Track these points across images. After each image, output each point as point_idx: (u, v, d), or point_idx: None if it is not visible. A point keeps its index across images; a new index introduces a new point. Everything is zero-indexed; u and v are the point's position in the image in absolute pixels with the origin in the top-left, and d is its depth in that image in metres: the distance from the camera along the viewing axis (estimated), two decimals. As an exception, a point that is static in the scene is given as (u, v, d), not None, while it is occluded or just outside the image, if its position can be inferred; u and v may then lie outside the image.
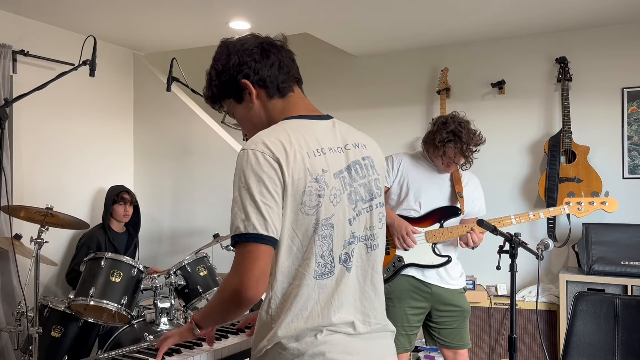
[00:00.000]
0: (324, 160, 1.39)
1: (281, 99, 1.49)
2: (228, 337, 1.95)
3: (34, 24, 3.97)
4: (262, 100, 1.49)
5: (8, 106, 2.70)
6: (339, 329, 1.38)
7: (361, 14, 3.81)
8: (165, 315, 3.09)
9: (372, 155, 1.53)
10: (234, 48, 1.49)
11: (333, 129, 1.48)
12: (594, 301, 2.61)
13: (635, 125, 4.04)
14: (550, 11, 3.81)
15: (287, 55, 1.53)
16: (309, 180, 1.34)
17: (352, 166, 1.45)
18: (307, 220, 1.35)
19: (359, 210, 1.45)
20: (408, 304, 2.82)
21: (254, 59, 1.47)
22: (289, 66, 1.51)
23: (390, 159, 2.90)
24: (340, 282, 1.40)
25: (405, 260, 2.81)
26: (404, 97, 4.79)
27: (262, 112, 1.50)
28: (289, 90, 1.50)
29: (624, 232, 3.74)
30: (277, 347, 1.36)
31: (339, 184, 1.41)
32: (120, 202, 3.99)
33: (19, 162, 3.86)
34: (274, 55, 1.49)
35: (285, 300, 1.37)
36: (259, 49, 1.48)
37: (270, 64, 1.47)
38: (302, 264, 1.37)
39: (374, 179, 1.51)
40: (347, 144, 1.47)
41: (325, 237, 1.37)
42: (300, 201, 1.34)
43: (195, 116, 4.48)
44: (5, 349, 3.58)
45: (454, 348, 2.88)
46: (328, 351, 1.35)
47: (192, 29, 4.19)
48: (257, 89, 1.48)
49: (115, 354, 1.78)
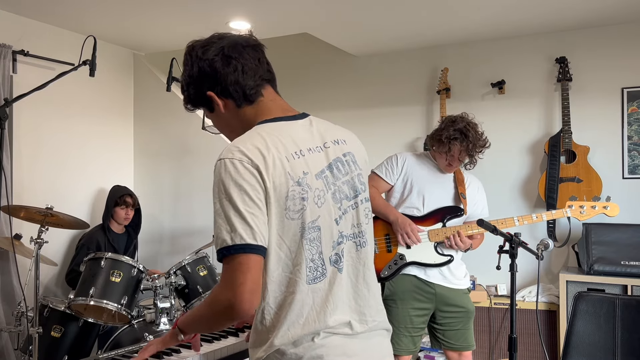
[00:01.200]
0: (304, 162, 1.36)
1: (251, 106, 1.44)
2: (227, 338, 1.95)
3: (34, 24, 3.97)
4: (231, 110, 1.44)
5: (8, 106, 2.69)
6: (336, 330, 1.36)
7: (361, 14, 3.81)
8: (165, 315, 3.09)
9: (353, 150, 1.49)
10: (196, 57, 1.43)
11: (310, 128, 1.44)
12: (594, 301, 2.61)
13: (635, 125, 4.04)
14: (550, 11, 3.81)
15: (252, 56, 1.44)
16: (290, 184, 1.31)
17: (334, 164, 1.42)
18: (293, 225, 1.32)
19: (345, 209, 1.42)
20: (411, 305, 2.82)
21: (214, 69, 1.41)
22: (254, 69, 1.43)
23: (395, 157, 2.92)
24: (333, 284, 1.38)
25: (407, 258, 2.81)
26: (404, 97, 4.79)
27: (235, 121, 1.45)
28: (258, 95, 1.44)
29: (624, 232, 3.74)
30: (275, 353, 1.34)
31: (322, 184, 1.38)
32: (122, 206, 3.98)
33: (19, 162, 3.86)
34: (235, 61, 1.41)
35: (279, 309, 1.34)
36: (220, 57, 1.41)
37: (232, 71, 1.40)
38: (292, 271, 1.33)
39: (357, 175, 1.47)
40: (326, 142, 1.44)
41: (313, 240, 1.34)
42: (285, 206, 1.30)
43: (195, 116, 4.48)
44: (5, 349, 3.58)
45: (459, 350, 2.88)
46: (326, 354, 1.33)
47: (192, 29, 4.19)
48: (223, 99, 1.43)
49: (115, 354, 1.78)
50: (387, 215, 2.83)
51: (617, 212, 2.79)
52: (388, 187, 2.93)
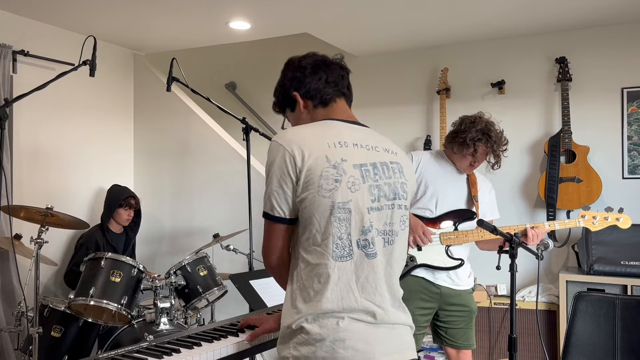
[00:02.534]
0: (345, 151, 1.54)
1: (323, 108, 1.69)
2: (228, 337, 1.95)
3: (34, 24, 3.97)
4: (309, 109, 1.70)
5: (8, 106, 2.69)
6: (360, 317, 1.50)
7: (361, 14, 3.81)
8: (165, 315, 3.10)
9: (402, 163, 1.67)
10: (293, 64, 1.72)
11: (367, 133, 1.65)
12: (594, 301, 2.61)
13: (635, 125, 4.04)
14: (550, 11, 3.81)
15: (337, 72, 1.72)
16: (326, 166, 1.50)
17: (379, 164, 1.60)
18: (323, 202, 1.49)
19: (381, 206, 1.57)
20: (417, 305, 2.81)
21: (304, 74, 1.69)
22: (335, 82, 1.70)
23: (410, 156, 2.89)
24: (359, 267, 1.52)
25: (418, 260, 2.80)
26: (404, 97, 4.79)
27: (308, 118, 1.70)
28: (332, 102, 1.70)
29: (623, 232, 3.71)
30: (300, 331, 1.50)
31: (359, 174, 1.54)
32: (126, 207, 3.98)
33: (19, 162, 3.86)
34: (322, 72, 1.69)
35: (307, 279, 1.51)
36: (311, 66, 1.69)
37: (317, 79, 1.68)
38: (321, 244, 1.50)
39: (401, 183, 1.63)
40: (378, 147, 1.63)
41: (342, 220, 1.50)
42: (318, 184, 1.49)
43: (195, 116, 4.49)
44: (5, 349, 3.58)
45: (459, 348, 2.89)
46: (349, 338, 1.46)
47: (192, 29, 4.19)
48: (304, 100, 1.69)
49: (115, 354, 1.77)
50: None
51: (629, 224, 2.74)
52: None
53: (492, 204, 2.94)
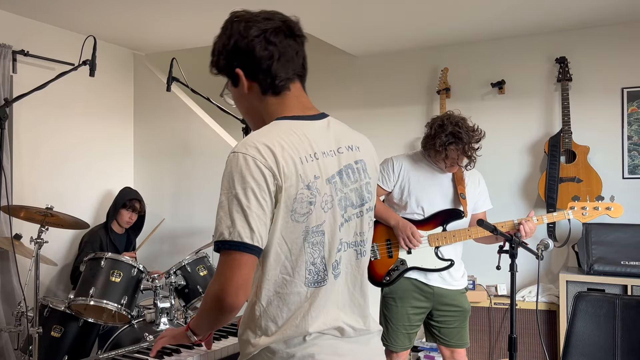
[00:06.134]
0: (317, 165, 1.34)
1: (275, 97, 1.41)
2: (228, 338, 1.95)
3: (34, 24, 3.96)
4: (255, 93, 1.41)
5: (8, 106, 2.70)
6: (327, 332, 1.36)
7: (361, 14, 3.81)
8: (165, 315, 3.09)
9: (365, 158, 1.48)
10: (237, 31, 1.39)
11: (327, 130, 1.42)
12: (594, 301, 2.61)
13: (635, 125, 4.04)
14: (551, 11, 3.81)
15: (292, 47, 1.41)
16: (300, 187, 1.30)
17: (344, 171, 1.41)
18: (297, 228, 1.31)
19: (349, 216, 1.41)
20: (410, 304, 2.82)
21: (250, 50, 1.36)
22: (289, 61, 1.39)
23: (391, 163, 2.86)
24: (329, 290, 1.37)
25: (409, 263, 2.80)
26: (404, 97, 4.79)
27: (255, 105, 1.43)
28: (285, 89, 1.41)
29: (624, 232, 3.74)
30: (265, 351, 1.34)
31: (331, 189, 1.36)
32: (129, 209, 3.99)
33: (19, 162, 3.85)
34: (273, 48, 1.37)
35: (271, 308, 1.34)
36: (260, 39, 1.37)
37: (267, 57, 1.37)
38: (291, 273, 1.33)
39: (365, 183, 1.46)
40: (340, 147, 1.42)
41: (316, 244, 1.34)
42: (291, 208, 1.29)
43: (195, 116, 4.48)
44: (5, 349, 3.57)
45: (453, 347, 2.89)
46: (317, 352, 1.33)
47: (192, 29, 4.19)
48: (249, 82, 1.40)
49: (115, 354, 1.78)
50: (387, 219, 2.81)
51: (621, 213, 2.69)
52: (385, 192, 2.90)
53: (483, 195, 2.91)
